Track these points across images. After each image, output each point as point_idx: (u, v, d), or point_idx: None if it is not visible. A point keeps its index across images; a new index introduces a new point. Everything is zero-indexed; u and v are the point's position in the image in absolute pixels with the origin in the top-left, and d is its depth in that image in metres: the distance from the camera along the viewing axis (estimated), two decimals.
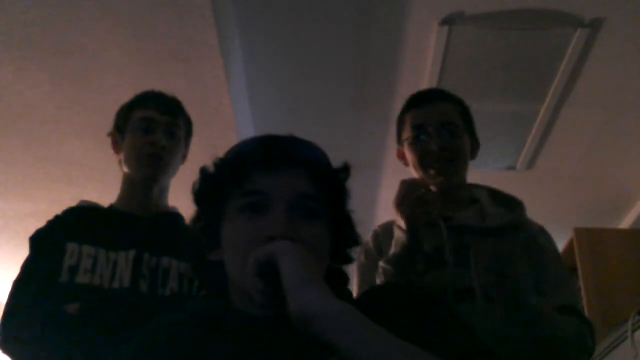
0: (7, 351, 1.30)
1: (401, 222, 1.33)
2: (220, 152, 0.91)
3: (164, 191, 1.57)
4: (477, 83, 2.63)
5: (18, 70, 2.33)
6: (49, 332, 1.26)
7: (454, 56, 2.51)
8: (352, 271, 1.39)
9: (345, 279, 0.92)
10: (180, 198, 1.56)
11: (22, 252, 1.44)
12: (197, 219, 0.90)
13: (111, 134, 1.58)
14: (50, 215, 1.51)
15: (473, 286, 1.29)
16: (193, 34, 2.17)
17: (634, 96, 2.74)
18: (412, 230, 1.31)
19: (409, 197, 1.32)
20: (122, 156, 1.54)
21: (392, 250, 1.34)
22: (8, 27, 1.89)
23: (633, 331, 2.06)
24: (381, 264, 1.32)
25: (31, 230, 1.48)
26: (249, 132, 2.71)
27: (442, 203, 1.39)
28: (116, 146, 1.56)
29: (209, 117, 2.48)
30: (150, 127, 1.51)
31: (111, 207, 1.55)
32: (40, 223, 1.49)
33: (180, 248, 1.45)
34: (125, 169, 1.53)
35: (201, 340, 0.80)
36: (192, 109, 1.63)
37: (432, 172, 1.39)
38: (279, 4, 2.36)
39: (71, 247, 1.40)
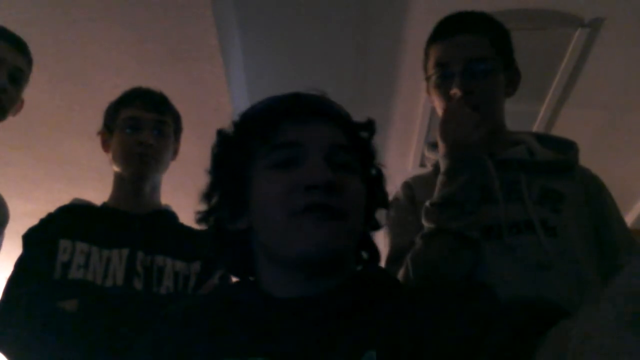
0: (4, 349, 1.30)
1: (451, 152, 1.14)
2: None
3: (155, 188, 1.56)
4: None
5: None
6: (47, 331, 1.26)
7: None
8: None
9: (376, 253, 0.84)
10: (178, 197, 1.56)
11: (20, 251, 1.44)
12: (212, 189, 0.83)
13: (100, 133, 1.58)
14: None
15: (531, 219, 1.17)
16: (193, 34, 2.17)
17: (634, 96, 2.74)
18: (470, 156, 1.13)
19: (454, 121, 1.14)
20: (111, 155, 1.54)
21: (438, 192, 1.15)
22: (7, 27, 1.88)
23: None
24: (427, 204, 1.14)
25: None
26: None
27: (486, 142, 1.20)
28: (105, 145, 1.56)
29: (208, 117, 2.47)
30: (137, 125, 1.50)
31: (104, 205, 1.54)
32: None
33: (174, 246, 1.45)
34: (115, 168, 1.53)
35: (221, 327, 0.73)
36: (192, 109, 1.63)
37: None
38: (279, 4, 2.36)
39: (64, 243, 1.39)
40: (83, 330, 1.26)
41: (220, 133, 0.83)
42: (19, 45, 1.56)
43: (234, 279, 0.86)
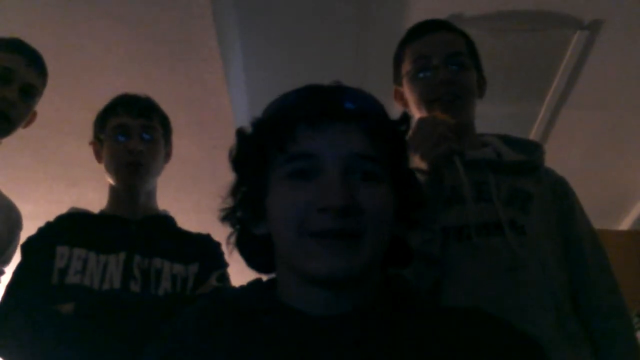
0: (2, 353, 1.30)
1: (420, 165, 1.15)
2: (220, 153, 0.85)
3: (150, 194, 1.56)
4: None
5: None
6: (44, 333, 1.26)
7: None
8: None
9: (407, 256, 0.80)
10: (179, 197, 1.57)
11: (19, 257, 1.44)
12: (236, 188, 0.78)
13: (92, 144, 1.57)
14: (50, 217, 1.52)
15: (499, 219, 1.18)
16: (193, 34, 2.17)
17: (633, 98, 2.74)
18: (436, 170, 1.14)
19: (430, 136, 1.15)
20: (103, 165, 1.53)
21: None
22: (7, 28, 1.88)
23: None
24: None
25: (31, 231, 1.48)
26: None
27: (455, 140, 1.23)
28: (98, 156, 1.56)
29: (208, 117, 2.48)
30: (125, 133, 1.49)
31: (101, 212, 1.55)
32: (40, 224, 1.50)
33: (172, 249, 1.46)
34: (109, 179, 1.53)
35: (241, 344, 0.69)
36: (191, 110, 1.63)
37: (437, 108, 1.24)
38: (279, 5, 2.36)
39: (61, 250, 1.40)
40: (80, 333, 1.26)
41: (239, 133, 0.78)
42: (33, 61, 1.55)
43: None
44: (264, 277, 0.80)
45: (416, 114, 1.29)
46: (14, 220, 1.62)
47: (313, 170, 0.70)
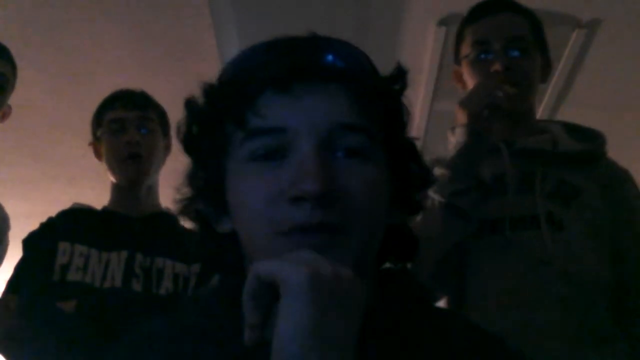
0: (3, 350, 1.30)
1: (461, 118, 1.10)
2: None
3: (152, 189, 1.56)
4: None
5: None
6: (46, 331, 1.26)
7: (452, 57, 2.50)
8: None
9: (412, 247, 0.63)
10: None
11: (20, 253, 1.44)
12: (193, 174, 0.61)
13: (91, 144, 1.57)
14: (47, 216, 1.52)
15: (537, 213, 1.13)
16: (191, 34, 2.17)
17: (631, 97, 2.75)
18: (475, 119, 1.08)
19: (482, 98, 1.10)
20: (104, 163, 1.53)
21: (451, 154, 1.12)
22: (6, 27, 1.88)
23: None
24: (437, 170, 1.09)
25: (29, 230, 1.48)
26: None
27: (508, 128, 1.21)
28: (98, 154, 1.56)
29: None
30: (122, 126, 1.50)
31: (104, 209, 1.55)
32: (39, 223, 1.49)
33: (174, 248, 1.46)
34: (111, 177, 1.53)
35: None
36: None
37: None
38: (277, 5, 2.35)
39: (63, 246, 1.40)
40: (81, 330, 1.26)
41: (188, 104, 0.60)
42: (1, 50, 1.54)
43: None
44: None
45: None
46: (1, 220, 1.62)
47: (282, 149, 0.54)
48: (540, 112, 2.78)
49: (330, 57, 0.57)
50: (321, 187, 0.50)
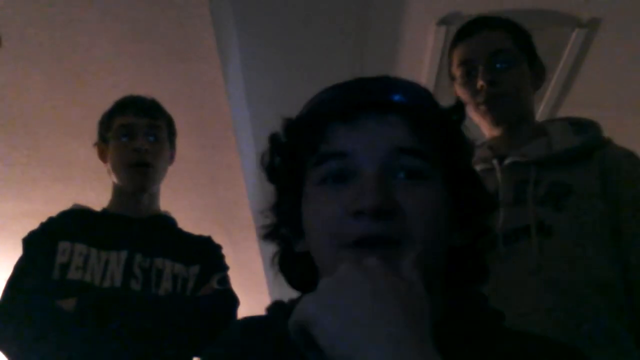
0: (3, 348, 1.31)
1: None
2: (218, 152, 0.75)
3: (154, 197, 1.57)
4: None
5: (15, 70, 2.32)
6: (47, 330, 1.27)
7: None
8: None
9: (480, 270, 0.67)
10: (177, 198, 1.57)
11: (20, 253, 1.44)
12: (278, 201, 0.69)
13: (97, 145, 1.58)
14: (47, 216, 1.52)
15: (529, 223, 1.13)
16: (191, 34, 2.17)
17: (631, 96, 2.75)
18: None
19: None
20: (109, 165, 1.54)
21: None
22: (5, 27, 1.88)
23: None
24: None
25: (29, 230, 1.48)
26: (247, 132, 2.71)
27: (504, 138, 1.23)
28: (103, 156, 1.57)
29: (206, 117, 2.47)
30: (131, 132, 1.51)
31: (104, 211, 1.55)
32: (38, 223, 1.50)
33: (173, 249, 1.46)
34: (114, 180, 1.53)
35: None
36: (190, 110, 1.63)
37: (483, 110, 1.24)
38: (277, 5, 2.36)
39: (63, 245, 1.41)
40: (80, 329, 1.27)
41: (271, 138, 0.68)
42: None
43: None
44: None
45: (473, 116, 1.28)
46: None
47: (348, 172, 0.61)
48: (540, 112, 2.79)
49: (397, 97, 0.64)
50: (378, 201, 0.56)
